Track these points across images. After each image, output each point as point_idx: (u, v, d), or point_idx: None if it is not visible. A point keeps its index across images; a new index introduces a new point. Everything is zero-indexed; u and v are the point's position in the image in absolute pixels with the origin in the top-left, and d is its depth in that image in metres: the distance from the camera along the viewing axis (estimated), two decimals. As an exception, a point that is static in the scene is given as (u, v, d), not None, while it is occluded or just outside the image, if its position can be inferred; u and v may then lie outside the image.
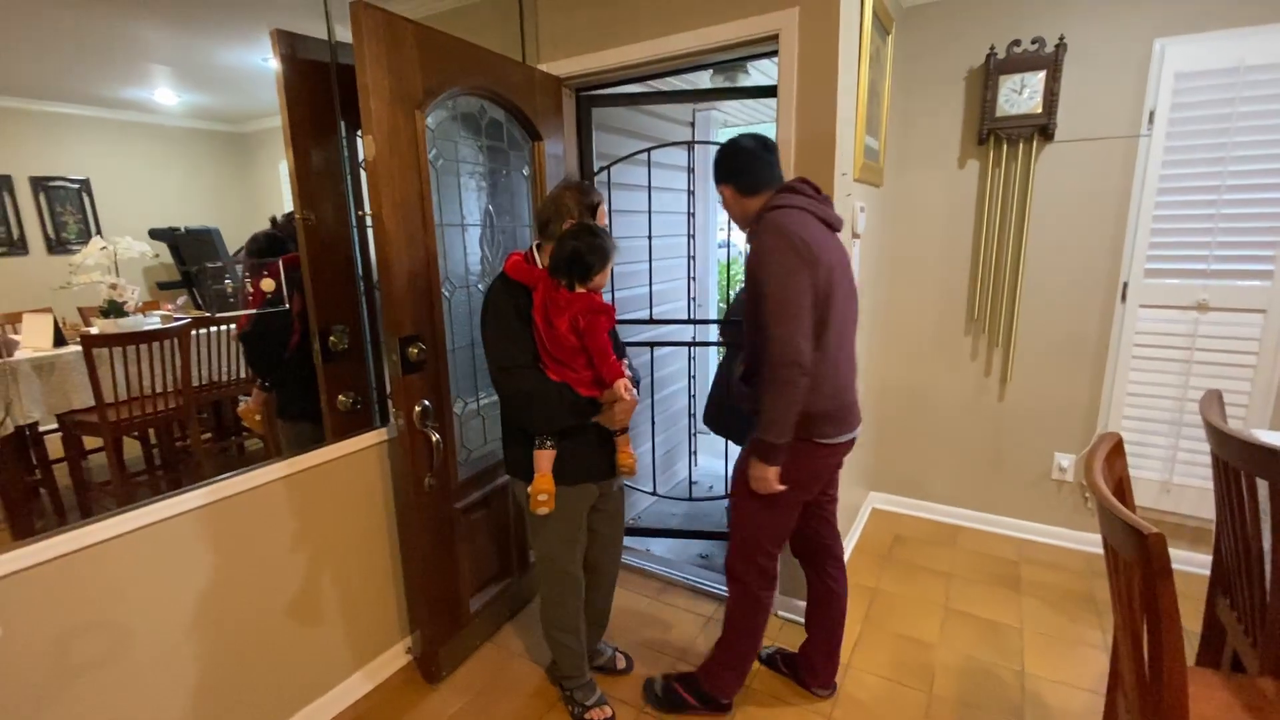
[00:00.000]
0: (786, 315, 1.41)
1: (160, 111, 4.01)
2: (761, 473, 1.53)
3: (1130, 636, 1.00)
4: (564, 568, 1.77)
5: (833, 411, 1.55)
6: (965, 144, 2.65)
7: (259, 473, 1.66)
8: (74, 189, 3.62)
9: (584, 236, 1.53)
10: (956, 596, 2.39)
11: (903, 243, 2.85)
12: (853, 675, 1.99)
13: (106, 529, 1.36)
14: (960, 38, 2.57)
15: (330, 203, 1.84)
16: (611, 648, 2.09)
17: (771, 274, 1.44)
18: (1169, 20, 2.24)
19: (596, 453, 1.71)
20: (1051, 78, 2.40)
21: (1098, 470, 1.06)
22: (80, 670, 1.33)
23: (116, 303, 3.09)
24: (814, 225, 1.49)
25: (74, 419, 2.78)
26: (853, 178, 2.11)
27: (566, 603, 1.80)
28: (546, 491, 1.62)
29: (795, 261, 1.42)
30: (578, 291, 1.54)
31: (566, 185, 1.68)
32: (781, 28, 1.89)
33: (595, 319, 1.54)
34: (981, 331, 2.75)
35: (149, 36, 3.16)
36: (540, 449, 1.63)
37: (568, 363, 1.57)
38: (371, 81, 1.58)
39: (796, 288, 1.42)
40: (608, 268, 1.57)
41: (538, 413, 1.60)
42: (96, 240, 3.33)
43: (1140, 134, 2.34)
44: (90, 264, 3.23)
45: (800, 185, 1.56)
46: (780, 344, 1.42)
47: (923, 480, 3.03)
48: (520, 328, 1.59)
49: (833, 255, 1.50)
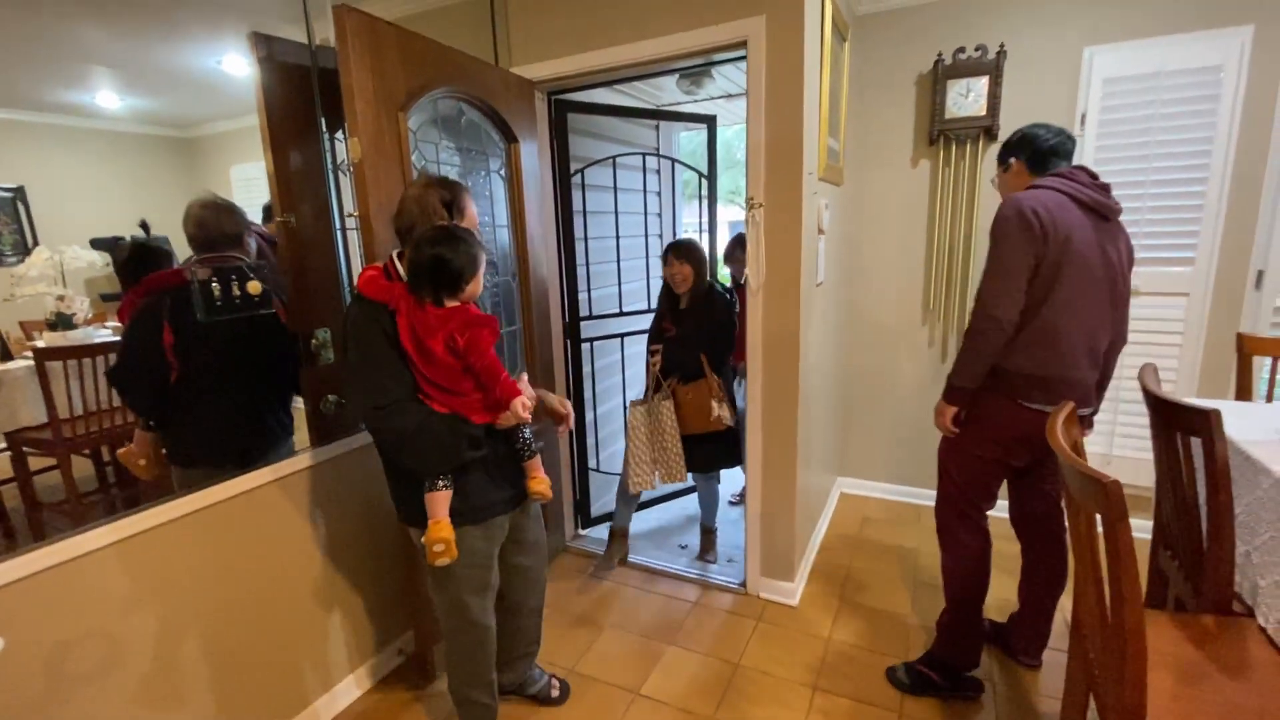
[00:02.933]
0: (993, 273, 1.59)
1: (102, 116, 3.85)
2: (941, 408, 1.75)
3: (1092, 579, 1.12)
4: (473, 618, 1.54)
5: (1042, 378, 1.61)
6: (918, 144, 2.81)
7: (243, 479, 1.65)
8: (7, 197, 3.44)
9: (445, 241, 1.31)
10: (924, 571, 2.53)
11: (863, 237, 3.00)
12: (833, 649, 2.10)
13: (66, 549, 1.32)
14: (910, 44, 2.73)
15: (310, 205, 1.84)
16: (546, 675, 1.93)
17: (994, 237, 1.60)
18: (1097, 30, 2.45)
19: (502, 480, 1.51)
20: (994, 82, 2.58)
21: (1059, 432, 1.17)
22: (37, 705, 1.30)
23: (65, 315, 2.96)
24: (1063, 204, 1.56)
25: (23, 436, 2.65)
26: (817, 177, 2.22)
27: (476, 656, 1.59)
28: (443, 540, 1.39)
29: (1018, 230, 1.55)
30: (448, 306, 1.34)
31: (428, 181, 1.46)
32: (750, 34, 1.99)
33: (476, 334, 1.33)
34: (937, 320, 2.92)
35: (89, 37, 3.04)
36: (432, 490, 1.40)
37: (453, 388, 1.36)
38: (356, 83, 1.60)
39: (1011, 251, 1.56)
40: (479, 274, 1.37)
41: (428, 454, 1.36)
42: (41, 250, 3.18)
43: (1074, 134, 2.54)
44: (34, 275, 3.08)
45: (1071, 172, 1.64)
46: (983, 297, 1.60)
47: (886, 463, 3.19)
48: (390, 355, 1.34)
49: (1077, 234, 1.55)
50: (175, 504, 1.51)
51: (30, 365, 2.52)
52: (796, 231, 2.07)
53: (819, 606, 2.33)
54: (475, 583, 1.54)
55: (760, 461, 2.29)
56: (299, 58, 1.77)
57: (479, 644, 1.59)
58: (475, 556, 1.51)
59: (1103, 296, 1.63)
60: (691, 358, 2.48)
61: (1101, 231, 1.60)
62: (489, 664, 1.63)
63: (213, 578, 1.59)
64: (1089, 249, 1.58)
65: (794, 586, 2.35)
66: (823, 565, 2.60)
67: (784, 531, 2.31)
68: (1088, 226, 1.58)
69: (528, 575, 1.74)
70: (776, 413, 2.23)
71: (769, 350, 2.20)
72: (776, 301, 2.14)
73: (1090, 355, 1.65)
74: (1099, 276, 1.60)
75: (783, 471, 2.26)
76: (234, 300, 1.77)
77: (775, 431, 2.24)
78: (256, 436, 1.87)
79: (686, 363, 2.49)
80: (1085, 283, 1.59)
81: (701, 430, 2.48)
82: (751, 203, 2.11)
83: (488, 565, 1.56)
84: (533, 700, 1.90)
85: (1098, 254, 1.59)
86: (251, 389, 1.87)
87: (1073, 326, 1.60)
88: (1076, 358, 1.62)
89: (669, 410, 2.48)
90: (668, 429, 2.48)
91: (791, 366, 2.16)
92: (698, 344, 2.48)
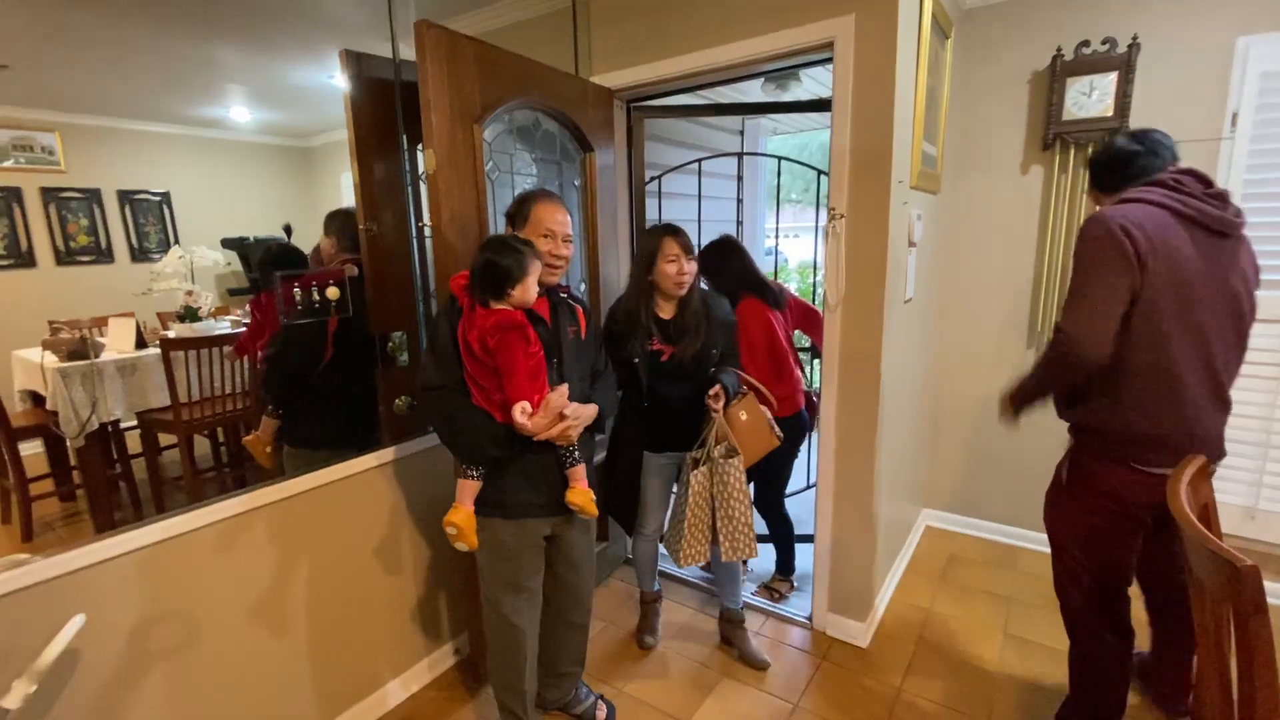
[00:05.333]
0: (1077, 303, 1.34)
1: (234, 128, 4.26)
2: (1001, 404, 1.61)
3: (1217, 676, 0.94)
4: (503, 614, 1.58)
5: (1160, 437, 1.36)
6: (1029, 149, 2.55)
7: (320, 474, 1.73)
8: (155, 201, 3.87)
9: (494, 248, 1.41)
10: (1016, 621, 2.28)
11: (961, 252, 2.75)
12: (904, 700, 1.92)
13: (180, 524, 1.44)
14: (1024, 40, 2.48)
15: (391, 213, 1.91)
16: (595, 696, 1.89)
17: (1078, 259, 1.37)
18: (1253, 17, 2.11)
19: (541, 483, 1.54)
20: (1124, 79, 2.29)
21: (1182, 495, 0.99)
22: (158, 657, 1.41)
23: (192, 308, 3.28)
24: (1165, 224, 1.32)
25: (151, 417, 2.95)
26: (909, 185, 2.05)
27: (505, 657, 1.61)
28: (455, 525, 1.47)
29: (1108, 254, 1.31)
30: (494, 308, 1.41)
31: (527, 193, 1.61)
32: (836, 35, 1.87)
33: (505, 337, 1.38)
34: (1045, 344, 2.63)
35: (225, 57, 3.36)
36: (463, 477, 1.50)
37: (487, 386, 1.44)
38: (434, 97, 1.63)
39: (1099, 278, 1.31)
40: (528, 281, 1.41)
41: (457, 441, 1.47)
42: (175, 249, 3.55)
43: (1223, 136, 2.20)
44: (169, 271, 3.44)
45: (1177, 179, 1.38)
46: (1065, 329, 1.35)
47: (980, 498, 2.91)
48: (449, 347, 1.45)
49: (1187, 261, 1.31)
50: (296, 481, 1.67)
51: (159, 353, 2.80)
52: (882, 245, 1.92)
53: (892, 651, 2.15)
54: (504, 576, 1.57)
55: (832, 488, 2.14)
56: (385, 73, 1.83)
57: (511, 645, 1.60)
58: (503, 550, 1.55)
59: (1227, 330, 1.36)
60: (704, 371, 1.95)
61: (1219, 251, 1.34)
62: (520, 670, 1.62)
63: (315, 552, 1.71)
64: (1204, 277, 1.32)
65: (865, 627, 2.19)
66: (899, 605, 2.40)
67: (857, 565, 2.15)
68: (1201, 247, 1.32)
69: (572, 590, 1.73)
70: (853, 436, 2.08)
71: (846, 369, 2.05)
72: (857, 318, 2.00)
73: (1218, 400, 1.39)
74: (1220, 309, 1.34)
75: (857, 500, 2.11)
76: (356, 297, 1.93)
77: (851, 455, 2.09)
78: (371, 423, 2.01)
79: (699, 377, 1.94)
80: (1205, 316, 1.33)
81: (760, 457, 1.99)
82: (833, 213, 1.98)
83: (517, 562, 1.57)
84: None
85: (1216, 280, 1.33)
86: (370, 379, 1.99)
87: (1195, 371, 1.34)
88: (1201, 408, 1.36)
89: (737, 469, 1.89)
90: (735, 493, 1.90)
91: (871, 388, 2.01)
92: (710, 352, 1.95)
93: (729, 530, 1.92)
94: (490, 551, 1.55)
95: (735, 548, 1.92)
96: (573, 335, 1.58)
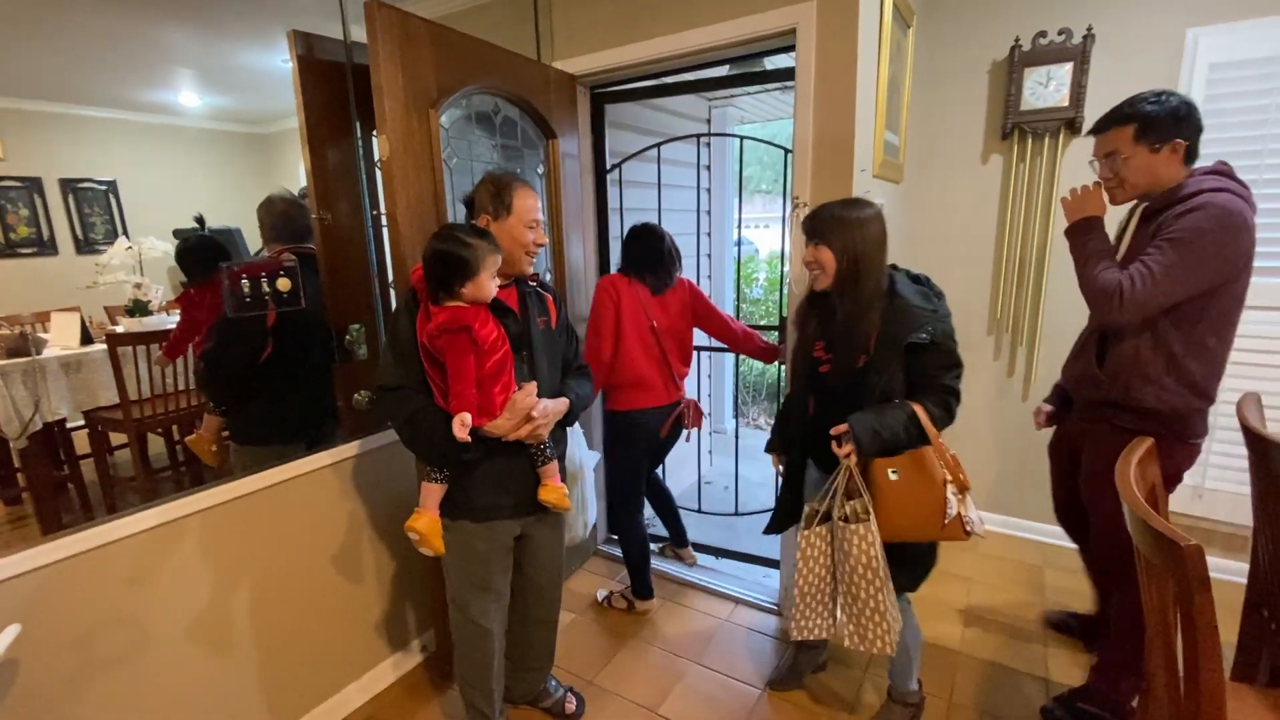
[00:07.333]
0: (1163, 276, 1.35)
1: (184, 114, 4.09)
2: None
3: (1163, 647, 0.96)
4: (471, 616, 1.53)
5: (1203, 409, 1.48)
6: (988, 138, 2.58)
7: (273, 473, 1.67)
8: (101, 190, 3.70)
9: (444, 237, 1.30)
10: (978, 602, 2.34)
11: (923, 240, 2.79)
12: (871, 679, 1.96)
13: (128, 525, 1.38)
14: (983, 30, 2.50)
15: (346, 202, 1.85)
16: (564, 688, 1.88)
17: (1199, 235, 1.34)
18: (1203, 9, 2.16)
19: (511, 484, 1.48)
20: (1079, 70, 2.33)
21: (1130, 476, 1.02)
22: (104, 666, 1.35)
23: (141, 302, 3.15)
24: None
25: (100, 415, 2.83)
26: (872, 174, 2.06)
27: (473, 658, 1.57)
28: (418, 531, 1.40)
29: (1235, 247, 1.33)
30: (445, 305, 1.31)
31: (487, 175, 1.50)
32: (799, 21, 1.86)
33: (452, 340, 1.29)
34: (1005, 331, 2.69)
35: (172, 39, 3.21)
36: (426, 481, 1.42)
37: (443, 386, 1.35)
38: (386, 81, 1.58)
39: (1200, 270, 1.34)
40: (481, 277, 1.29)
41: (417, 444, 1.40)
42: (122, 240, 3.39)
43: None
44: (115, 264, 3.29)
45: (1225, 165, 1.46)
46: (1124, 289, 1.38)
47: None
48: (409, 344, 1.37)
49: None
50: (244, 481, 1.59)
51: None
52: (845, 234, 1.92)
53: (858, 633, 2.18)
54: (472, 579, 1.52)
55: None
56: (336, 55, 1.77)
57: (477, 645, 1.56)
58: (472, 553, 1.50)
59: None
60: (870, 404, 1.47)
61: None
62: (488, 670, 1.57)
63: (268, 555, 1.65)
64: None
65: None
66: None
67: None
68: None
69: (541, 588, 1.70)
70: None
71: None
72: (821, 308, 2.01)
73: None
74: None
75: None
76: (306, 288, 1.84)
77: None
78: (321, 420, 1.95)
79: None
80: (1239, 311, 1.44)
81: (910, 539, 1.50)
82: (797, 202, 1.98)
83: (487, 565, 1.51)
84: (547, 714, 1.85)
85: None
86: (319, 374, 1.92)
87: (1227, 351, 1.47)
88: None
89: (862, 539, 1.43)
90: (857, 566, 1.44)
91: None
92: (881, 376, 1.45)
93: (853, 612, 1.49)
94: (458, 555, 1.49)
95: (862, 634, 1.48)
96: (543, 326, 1.52)
